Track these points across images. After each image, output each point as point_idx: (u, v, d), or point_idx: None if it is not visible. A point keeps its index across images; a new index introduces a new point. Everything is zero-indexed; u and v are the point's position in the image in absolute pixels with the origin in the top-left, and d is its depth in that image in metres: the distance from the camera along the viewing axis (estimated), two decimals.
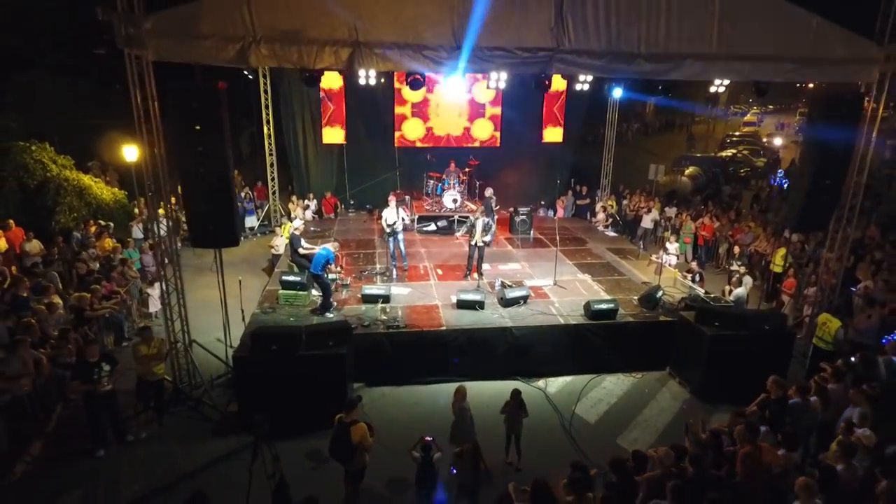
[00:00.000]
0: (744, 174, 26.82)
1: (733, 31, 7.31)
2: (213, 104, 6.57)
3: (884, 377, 7.02)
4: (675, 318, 8.79)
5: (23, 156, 13.19)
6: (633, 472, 5.06)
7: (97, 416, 6.73)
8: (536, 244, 13.30)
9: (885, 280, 10.13)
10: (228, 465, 6.59)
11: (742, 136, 38.20)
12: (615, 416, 7.87)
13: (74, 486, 6.29)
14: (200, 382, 8.04)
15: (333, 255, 8.85)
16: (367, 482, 5.82)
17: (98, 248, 11.22)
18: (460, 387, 6.33)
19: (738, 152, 32.79)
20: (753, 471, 5.07)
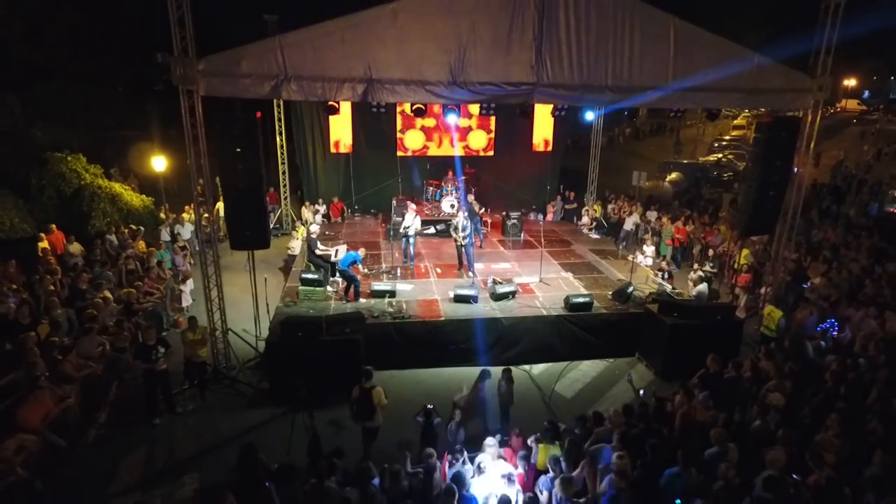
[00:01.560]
0: (727, 178, 28.16)
1: (687, 67, 8.67)
2: (251, 130, 7.93)
3: (810, 357, 8.40)
4: (643, 311, 10.16)
5: (59, 166, 14.51)
6: (593, 427, 6.43)
7: (153, 391, 8.07)
8: (526, 245, 14.63)
9: (829, 277, 11.52)
10: (264, 430, 7.93)
11: (731, 140, 39.41)
12: (589, 392, 9.24)
13: (138, 447, 7.63)
14: (235, 364, 9.39)
15: (360, 257, 10.30)
16: (379, 443, 7.18)
17: (135, 249, 12.52)
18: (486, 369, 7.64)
19: (724, 157, 34.07)
20: (688, 425, 6.44)
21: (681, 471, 5.42)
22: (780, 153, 9.36)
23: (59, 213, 14.16)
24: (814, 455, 5.80)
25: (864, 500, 5.18)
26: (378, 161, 17.06)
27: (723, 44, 8.73)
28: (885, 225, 15.94)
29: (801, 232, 16.15)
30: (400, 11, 7.83)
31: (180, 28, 7.51)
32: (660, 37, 8.47)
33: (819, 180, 27.47)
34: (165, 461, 7.41)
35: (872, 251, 13.27)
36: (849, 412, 6.59)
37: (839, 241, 14.04)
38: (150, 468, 7.27)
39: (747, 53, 8.83)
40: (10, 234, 13.35)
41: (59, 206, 14.32)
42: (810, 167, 34.39)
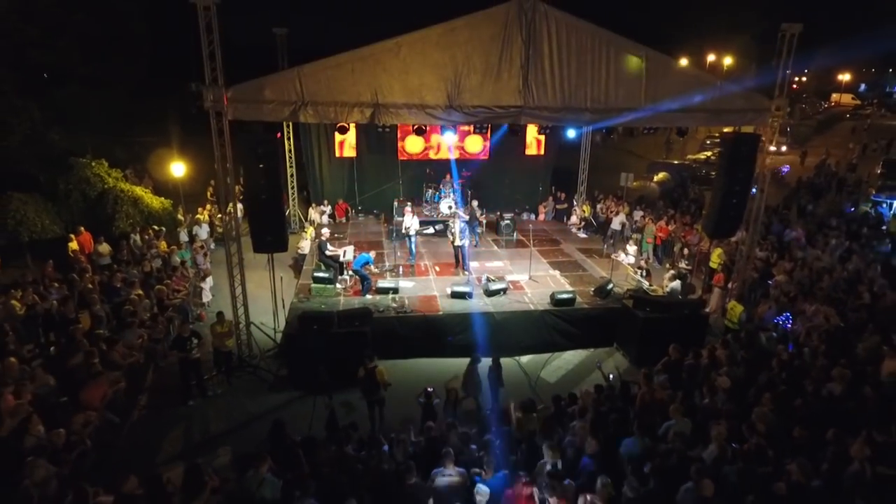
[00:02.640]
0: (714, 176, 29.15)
1: (657, 91, 9.78)
2: (272, 149, 9.07)
3: (762, 347, 9.58)
4: (620, 306, 11.33)
5: (84, 171, 15.61)
6: (567, 405, 7.61)
7: (188, 376, 9.25)
8: (518, 245, 15.77)
9: (792, 275, 12.68)
10: (286, 410, 9.09)
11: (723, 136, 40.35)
12: (570, 377, 10.43)
13: (176, 425, 8.81)
14: (256, 353, 10.56)
15: (372, 259, 11.62)
16: (386, 420, 8.37)
17: (157, 249, 13.66)
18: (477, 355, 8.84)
19: (713, 154, 34.98)
20: (647, 403, 7.62)
21: (636, 439, 6.60)
22: (741, 165, 10.50)
23: (84, 215, 15.25)
24: (749, 426, 7.00)
25: (784, 462, 6.36)
26: (380, 165, 18.15)
27: (689, 71, 9.87)
28: (852, 225, 17.10)
29: (777, 230, 17.37)
30: (403, 45, 8.94)
31: (210, 61, 8.61)
32: (634, 67, 9.58)
33: (804, 178, 28.64)
34: (201, 436, 8.60)
35: (837, 250, 14.48)
36: (787, 393, 7.79)
37: (805, 240, 15.19)
38: (189, 442, 8.46)
39: (711, 79, 9.98)
40: (41, 235, 14.44)
41: (84, 209, 15.41)
42: (796, 165, 35.45)
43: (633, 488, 5.71)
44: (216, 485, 5.93)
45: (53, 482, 6.29)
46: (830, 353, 8.98)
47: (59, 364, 8.67)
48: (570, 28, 9.29)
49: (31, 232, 14.18)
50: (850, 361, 8.70)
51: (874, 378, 8.33)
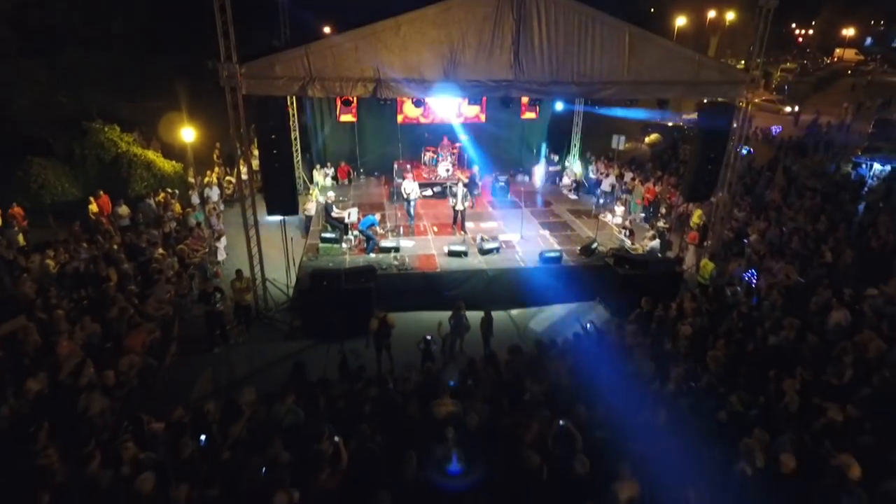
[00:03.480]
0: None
1: (639, 65, 10.50)
2: (283, 121, 9.88)
3: (727, 301, 10.67)
4: (602, 263, 12.36)
5: (98, 135, 16.33)
6: (549, 349, 8.72)
7: (212, 327, 10.35)
8: (512, 206, 16.63)
9: (764, 234, 13.67)
10: (301, 356, 10.19)
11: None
12: (557, 327, 11.53)
13: (205, 369, 9.95)
14: (272, 307, 11.65)
15: (377, 220, 12.71)
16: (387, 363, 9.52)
17: (174, 211, 14.58)
18: (460, 301, 9.91)
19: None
20: (619, 347, 8.75)
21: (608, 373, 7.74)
22: (716, 134, 11.34)
23: (100, 178, 16.07)
24: (703, 367, 8.15)
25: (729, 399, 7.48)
26: (380, 128, 18.82)
27: (669, 46, 10.56)
28: (829, 187, 17.97)
29: (758, 191, 18.23)
30: (402, 24, 9.63)
31: (225, 38, 9.32)
32: (616, 41, 10.28)
33: (793, 137, 29.24)
34: (228, 378, 9.74)
35: (811, 211, 15.40)
36: (741, 340, 8.92)
37: (782, 201, 16.12)
38: (217, 383, 9.61)
39: (689, 53, 10.68)
40: (61, 198, 15.34)
41: (100, 173, 16.22)
42: (789, 126, 35.88)
43: (599, 415, 6.86)
44: (249, 414, 7.06)
45: (109, 414, 7.45)
46: (787, 306, 10.09)
47: (97, 316, 9.75)
48: (559, 6, 9.95)
49: (53, 195, 15.06)
50: (803, 313, 9.83)
51: (821, 328, 9.45)
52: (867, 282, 10.73)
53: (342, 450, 6.09)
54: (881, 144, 25.94)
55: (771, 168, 21.27)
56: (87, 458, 6.13)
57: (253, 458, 6.08)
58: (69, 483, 5.99)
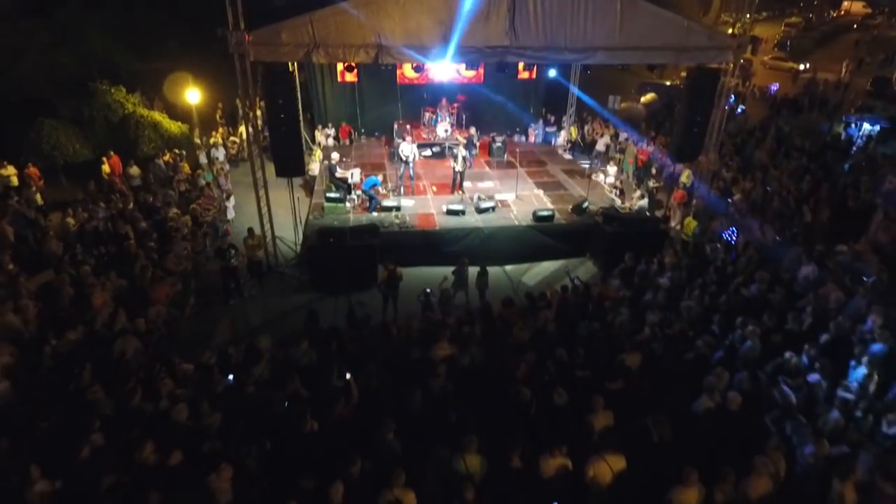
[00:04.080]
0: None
1: (630, 32, 10.91)
2: (290, 86, 10.39)
3: (708, 256, 11.43)
4: (592, 222, 13.07)
5: (105, 97, 16.72)
6: (538, 299, 9.54)
7: (228, 281, 11.15)
8: (508, 166, 17.20)
9: (748, 194, 14.32)
10: (311, 307, 11.04)
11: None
12: (546, 282, 12.35)
13: (222, 318, 10.81)
14: (282, 262, 12.42)
15: (380, 181, 13.32)
16: (391, 314, 10.35)
17: (183, 172, 15.18)
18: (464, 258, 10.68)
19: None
20: (602, 298, 9.56)
21: (587, 323, 8.58)
22: (703, 97, 11.86)
23: (109, 139, 16.55)
24: (678, 314, 8.98)
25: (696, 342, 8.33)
26: (380, 89, 19.17)
27: (659, 13, 10.95)
28: (818, 147, 18.48)
29: (750, 150, 18.74)
30: None
31: (232, 7, 9.74)
32: (608, 8, 10.68)
33: (788, 96, 29.42)
34: (244, 327, 10.60)
35: (797, 171, 15.98)
36: (715, 292, 9.73)
37: (769, 161, 16.68)
38: (235, 331, 10.47)
39: (678, 20, 11.09)
40: (73, 159, 15.89)
41: (108, 134, 16.69)
42: (786, 84, 35.81)
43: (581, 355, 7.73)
44: (269, 357, 7.92)
45: (142, 357, 8.31)
46: (761, 261, 10.86)
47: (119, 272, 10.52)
48: None
49: (65, 156, 15.59)
50: (776, 268, 10.62)
51: (791, 282, 10.24)
52: (842, 240, 11.48)
53: (353, 386, 6.96)
54: (875, 103, 26.26)
55: (763, 128, 21.67)
56: (129, 393, 7.00)
57: (277, 393, 6.97)
58: (115, 414, 6.88)
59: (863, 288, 9.39)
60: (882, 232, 11.79)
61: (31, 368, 7.96)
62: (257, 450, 6.07)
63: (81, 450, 6.16)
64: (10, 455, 6.21)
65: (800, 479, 6.11)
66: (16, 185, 14.47)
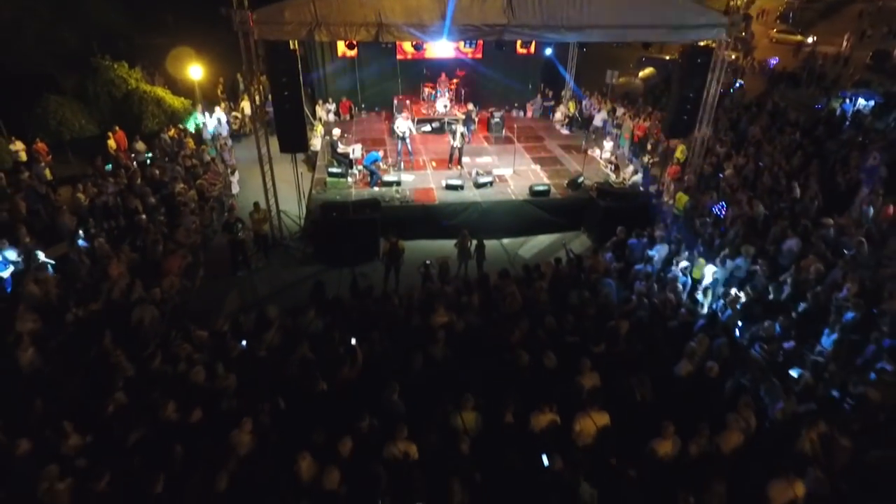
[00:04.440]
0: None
1: (625, 10, 11.13)
2: (293, 65, 10.68)
3: (698, 227, 11.87)
4: (587, 196, 13.46)
5: (109, 72, 16.92)
6: (533, 270, 10.00)
7: (235, 254, 11.59)
8: (506, 141, 17.50)
9: (739, 169, 14.66)
10: (313, 278, 11.51)
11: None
12: (544, 254, 12.79)
13: (231, 289, 11.29)
14: (286, 236, 12.86)
15: (381, 156, 13.72)
16: (392, 285, 10.83)
17: (188, 147, 15.49)
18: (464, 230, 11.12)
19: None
20: (593, 269, 10.03)
21: (579, 292, 9.06)
22: (696, 75, 12.14)
23: (113, 115, 16.80)
24: (665, 285, 9.46)
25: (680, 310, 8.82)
26: (380, 64, 19.33)
27: None
28: (811, 123, 18.72)
29: (744, 125, 18.99)
30: None
31: None
32: None
33: (785, 70, 29.45)
34: (252, 297, 11.09)
35: (789, 147, 16.27)
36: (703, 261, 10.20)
37: (762, 136, 16.97)
38: (243, 301, 10.96)
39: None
40: (79, 134, 16.17)
41: (112, 109, 16.94)
42: (787, 58, 35.65)
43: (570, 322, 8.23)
44: (278, 324, 8.41)
45: (158, 324, 8.81)
46: (748, 234, 11.30)
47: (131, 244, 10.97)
48: None
49: (71, 131, 15.88)
50: (762, 241, 11.07)
51: (775, 254, 10.70)
52: (828, 214, 11.89)
53: (358, 350, 7.47)
54: (872, 78, 26.30)
55: (759, 103, 21.85)
56: (150, 357, 7.53)
57: (288, 357, 7.49)
58: (137, 376, 7.41)
59: (842, 260, 9.86)
60: (866, 206, 12.20)
61: (53, 335, 8.47)
62: (271, 407, 6.61)
63: (107, 407, 6.70)
64: (44, 413, 6.75)
65: (768, 434, 6.65)
66: (24, 160, 14.80)
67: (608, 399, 6.69)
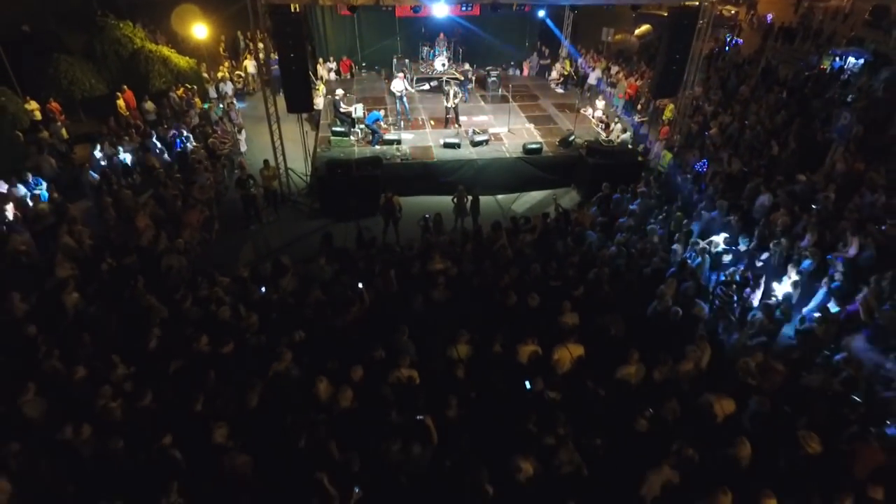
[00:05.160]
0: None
1: None
2: (298, 29, 11.28)
3: (677, 185, 12.70)
4: (577, 153, 14.22)
5: (114, 31, 17.31)
6: (522, 225, 10.89)
7: (248, 208, 12.45)
8: (502, 100, 18.05)
9: (724, 127, 15.35)
10: (322, 232, 12.40)
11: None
12: (536, 208, 13.66)
13: (245, 242, 12.20)
14: (294, 192, 13.69)
15: (381, 116, 14.40)
16: (393, 237, 11.74)
17: (196, 107, 16.10)
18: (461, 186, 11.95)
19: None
20: (579, 222, 10.93)
21: (564, 243, 9.99)
22: (682, 36, 12.73)
23: (121, 75, 17.26)
24: (643, 236, 10.38)
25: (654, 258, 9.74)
26: (379, 22, 19.68)
27: None
28: (805, 82, 19.20)
29: (733, 84, 19.48)
30: None
31: None
32: None
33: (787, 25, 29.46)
34: (265, 249, 12.00)
35: (775, 105, 16.88)
36: (679, 217, 11.08)
37: (750, 95, 17.56)
38: (257, 252, 11.89)
39: None
40: (90, 94, 16.71)
41: (120, 69, 17.38)
42: (790, 13, 35.45)
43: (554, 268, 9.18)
44: (293, 271, 9.36)
45: (185, 271, 9.75)
46: (725, 190, 12.15)
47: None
48: None
49: (82, 91, 16.42)
50: (738, 196, 11.92)
51: (749, 206, 11.57)
52: (804, 171, 12.69)
53: (365, 293, 8.44)
54: (868, 34, 26.41)
55: (752, 60, 22.21)
56: (181, 300, 8.49)
57: (303, 300, 8.47)
58: (170, 317, 8.39)
59: (807, 214, 10.75)
60: (840, 163, 13.00)
61: (89, 282, 9.42)
62: (289, 341, 7.62)
63: (149, 342, 7.71)
64: (93, 346, 7.75)
65: (721, 363, 7.70)
66: (40, 118, 15.43)
67: (585, 334, 7.70)
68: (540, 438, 6.24)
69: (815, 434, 5.98)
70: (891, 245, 9.85)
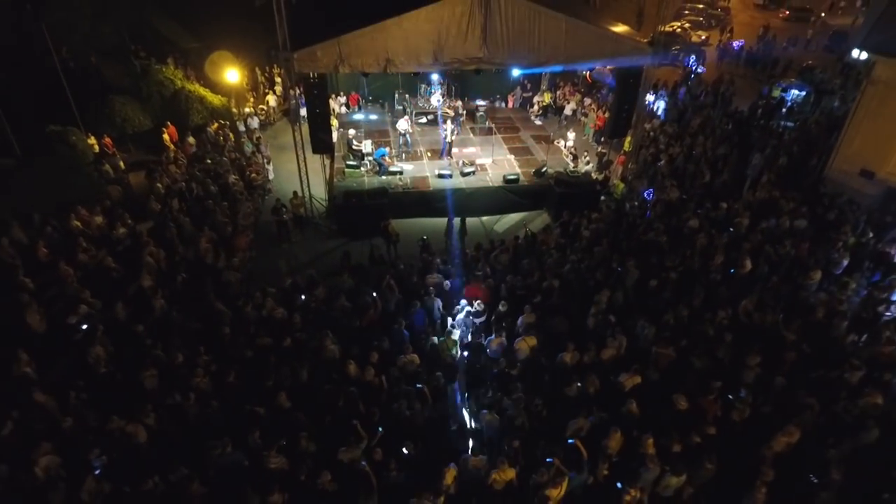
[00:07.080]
0: (675, 51, 32.17)
1: (573, 46, 14.59)
2: (322, 84, 14.33)
3: (626, 212, 15.72)
4: (548, 183, 17.26)
5: (158, 74, 20.28)
6: (498, 246, 13.93)
7: (280, 231, 15.46)
8: (489, 132, 21.05)
9: (672, 159, 18.38)
10: (340, 250, 15.43)
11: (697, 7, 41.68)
12: (512, 230, 16.69)
13: (278, 258, 15.16)
14: (316, 216, 16.72)
15: (387, 152, 17.35)
16: (399, 254, 14.78)
17: (231, 141, 19.11)
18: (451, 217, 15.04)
19: (680, 25, 37.12)
20: (545, 242, 13.95)
21: (528, 262, 13.04)
22: (629, 88, 15.80)
23: (164, 112, 20.16)
24: (591, 255, 13.43)
25: (595, 273, 12.77)
26: None
27: (594, 30, 14.69)
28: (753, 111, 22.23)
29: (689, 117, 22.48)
30: (404, 20, 13.66)
31: (282, 30, 13.48)
32: (556, 30, 14.39)
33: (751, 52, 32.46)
34: (296, 263, 14.98)
35: (720, 138, 19.84)
36: (622, 240, 14.12)
37: (699, 128, 20.58)
38: (290, 266, 14.85)
39: (610, 34, 14.87)
40: (138, 129, 19.67)
41: (163, 106, 20.31)
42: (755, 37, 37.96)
43: (521, 280, 12.22)
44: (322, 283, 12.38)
45: (241, 285, 12.76)
46: (664, 215, 15.18)
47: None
48: (514, 4, 13.91)
49: (133, 127, 19.39)
50: (676, 220, 14.92)
51: (680, 231, 14.59)
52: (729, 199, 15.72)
53: (377, 300, 11.48)
54: (820, 63, 29.28)
55: (713, 91, 25.16)
56: (243, 305, 11.50)
57: (332, 305, 11.50)
58: (233, 320, 11.39)
59: (725, 235, 13.77)
60: (760, 191, 16.04)
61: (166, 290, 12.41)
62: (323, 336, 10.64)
63: (225, 336, 10.72)
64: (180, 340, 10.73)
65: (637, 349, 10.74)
66: (97, 152, 18.35)
67: (539, 331, 10.74)
68: (500, 400, 9.31)
69: (683, 395, 9.05)
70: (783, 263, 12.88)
